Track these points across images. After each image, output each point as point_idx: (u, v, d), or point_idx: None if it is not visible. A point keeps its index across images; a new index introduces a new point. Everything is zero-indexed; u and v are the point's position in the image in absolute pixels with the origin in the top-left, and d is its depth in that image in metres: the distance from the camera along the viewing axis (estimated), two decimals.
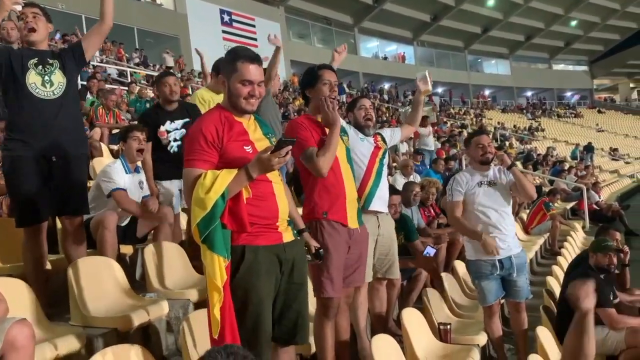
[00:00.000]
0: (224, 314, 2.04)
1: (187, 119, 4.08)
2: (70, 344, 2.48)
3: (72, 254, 3.19)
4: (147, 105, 10.47)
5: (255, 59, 2.22)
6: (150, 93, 11.87)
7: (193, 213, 2.07)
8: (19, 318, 2.03)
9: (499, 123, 28.90)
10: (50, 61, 3.03)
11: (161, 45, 21.22)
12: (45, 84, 2.97)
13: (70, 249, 3.22)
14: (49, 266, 3.35)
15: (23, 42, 3.13)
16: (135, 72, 15.46)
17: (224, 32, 24.77)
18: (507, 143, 21.67)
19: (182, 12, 23.52)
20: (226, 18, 25.34)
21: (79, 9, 17.57)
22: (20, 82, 2.94)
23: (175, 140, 4.05)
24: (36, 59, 2.99)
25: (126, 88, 11.95)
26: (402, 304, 4.38)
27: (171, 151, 4.05)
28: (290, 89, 21.93)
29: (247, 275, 2.13)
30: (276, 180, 2.27)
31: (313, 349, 2.96)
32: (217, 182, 2.04)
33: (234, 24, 25.59)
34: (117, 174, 3.69)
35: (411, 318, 3.44)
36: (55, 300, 3.16)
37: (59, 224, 3.62)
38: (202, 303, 3.38)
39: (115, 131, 7.46)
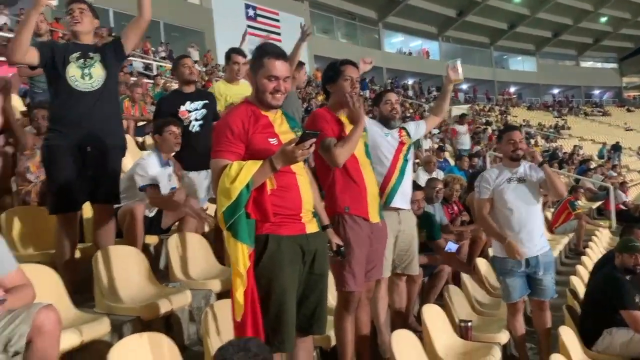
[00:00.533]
0: (246, 299, 2.10)
1: (206, 101, 4.18)
2: (95, 330, 2.53)
3: (101, 242, 3.27)
4: None
5: (282, 55, 2.28)
6: (175, 86, 11.97)
7: (219, 202, 2.14)
8: (45, 303, 2.07)
9: (524, 120, 28.46)
10: (92, 55, 3.12)
11: (186, 40, 21.37)
12: (85, 76, 3.07)
13: (100, 236, 3.30)
14: (77, 254, 3.42)
15: (69, 35, 3.23)
16: (161, 66, 15.60)
17: (248, 26, 24.72)
18: (532, 141, 21.33)
19: (207, 6, 23.65)
20: (251, 12, 25.39)
21: (107, 3, 17.76)
22: (61, 75, 3.04)
23: (196, 119, 4.10)
24: (78, 52, 3.09)
25: (152, 81, 12.07)
26: (423, 300, 4.36)
27: (193, 130, 4.10)
28: (314, 84, 21.87)
29: (270, 264, 2.18)
30: (300, 172, 2.31)
31: (333, 342, 2.97)
32: (242, 173, 2.10)
33: (259, 19, 25.63)
34: (152, 168, 3.78)
35: (432, 314, 3.43)
36: (81, 288, 3.22)
37: (85, 214, 3.69)
38: (225, 294, 3.41)
39: (140, 123, 7.55)
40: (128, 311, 2.93)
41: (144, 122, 7.59)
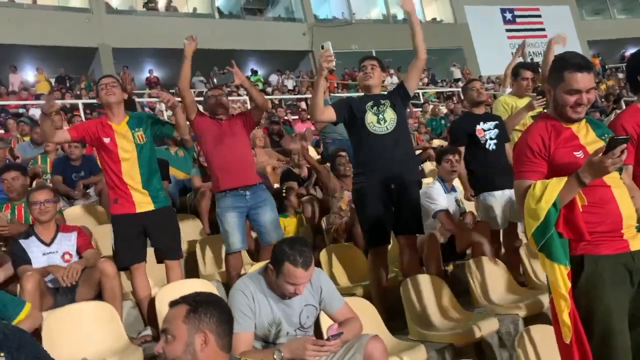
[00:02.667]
0: (571, 321, 2.01)
1: (497, 121, 4.20)
2: (414, 357, 2.68)
3: (409, 270, 3.49)
4: (442, 122, 10.77)
5: (584, 67, 2.10)
6: (443, 109, 12.17)
7: (527, 223, 2.10)
8: (372, 334, 2.31)
9: None
10: (382, 102, 3.47)
11: (447, 60, 21.59)
12: (380, 121, 3.42)
13: (408, 265, 3.52)
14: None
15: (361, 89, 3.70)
16: (425, 92, 16.09)
17: (507, 30, 23.88)
18: None
19: (462, 22, 23.58)
20: (508, 16, 24.39)
21: (370, 46, 19.29)
22: (360, 123, 3.44)
23: (491, 138, 4.13)
24: (372, 101, 3.47)
25: (420, 109, 12.51)
26: None
27: (490, 149, 4.11)
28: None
29: (589, 286, 2.04)
30: (616, 184, 2.10)
31: None
32: (547, 192, 2.02)
33: (517, 20, 24.42)
34: (439, 195, 3.95)
35: None
36: (388, 315, 3.46)
37: None
38: (532, 318, 3.28)
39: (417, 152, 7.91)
40: (441, 338, 3.02)
41: (420, 150, 7.97)
